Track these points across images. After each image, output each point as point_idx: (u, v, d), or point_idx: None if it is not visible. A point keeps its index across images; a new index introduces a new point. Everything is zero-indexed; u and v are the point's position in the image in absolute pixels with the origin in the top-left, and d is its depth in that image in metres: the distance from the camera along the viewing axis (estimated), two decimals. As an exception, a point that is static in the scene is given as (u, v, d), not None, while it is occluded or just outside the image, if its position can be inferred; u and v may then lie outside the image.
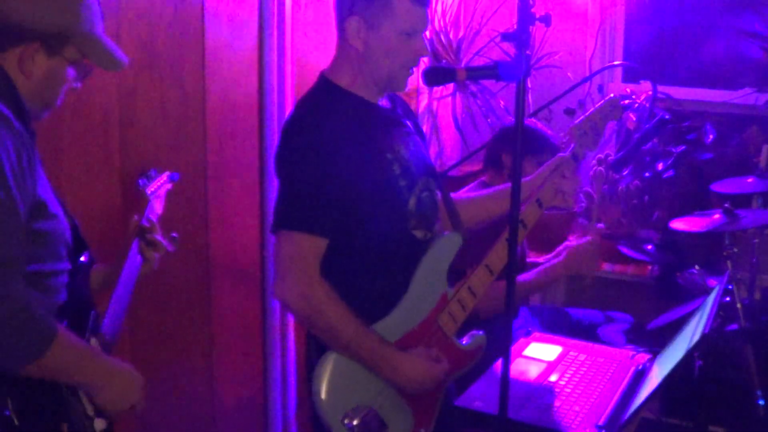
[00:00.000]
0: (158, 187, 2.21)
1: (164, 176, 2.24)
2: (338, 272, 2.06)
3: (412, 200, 2.14)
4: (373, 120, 2.12)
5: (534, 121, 3.24)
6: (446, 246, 2.21)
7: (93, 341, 1.77)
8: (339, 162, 2.01)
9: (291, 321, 3.15)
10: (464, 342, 2.26)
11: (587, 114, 2.45)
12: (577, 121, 2.43)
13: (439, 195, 2.27)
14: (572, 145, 2.39)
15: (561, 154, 2.38)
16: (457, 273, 2.27)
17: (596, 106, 2.48)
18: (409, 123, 2.24)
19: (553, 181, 2.32)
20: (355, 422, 2.04)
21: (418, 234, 2.16)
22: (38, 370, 1.57)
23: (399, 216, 2.13)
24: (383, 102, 2.18)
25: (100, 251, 1.92)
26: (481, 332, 2.30)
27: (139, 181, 2.16)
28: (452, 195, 2.35)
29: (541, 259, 3.35)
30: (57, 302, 1.70)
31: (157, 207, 2.16)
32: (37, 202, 1.62)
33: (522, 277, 2.87)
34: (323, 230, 2.02)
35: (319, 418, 2.06)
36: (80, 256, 1.79)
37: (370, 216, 2.07)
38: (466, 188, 3.08)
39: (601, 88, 4.07)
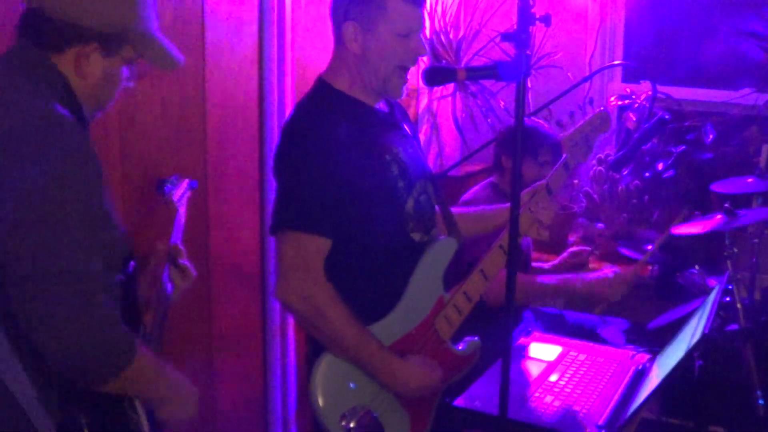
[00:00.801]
0: (182, 195, 2.16)
1: (185, 183, 2.18)
2: (336, 273, 2.06)
3: (410, 202, 2.14)
4: (372, 122, 2.13)
5: (535, 120, 3.24)
6: (442, 250, 2.20)
7: None
8: (338, 163, 2.01)
9: (291, 321, 3.15)
10: (460, 347, 2.26)
11: (577, 126, 2.47)
12: (567, 133, 2.45)
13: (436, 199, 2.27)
14: (564, 156, 2.42)
15: (538, 182, 2.39)
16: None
17: (586, 118, 2.51)
18: (406, 127, 2.24)
19: (529, 209, 2.32)
20: (352, 424, 2.04)
21: (416, 236, 2.16)
22: (118, 383, 1.55)
23: (397, 217, 2.13)
24: (381, 105, 2.18)
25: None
26: (476, 338, 2.30)
27: (165, 188, 2.09)
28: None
29: (546, 265, 3.36)
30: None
31: (182, 217, 2.10)
32: (105, 213, 1.59)
33: (543, 279, 2.90)
34: (327, 231, 2.01)
35: (317, 420, 2.06)
36: (128, 267, 1.74)
37: (369, 217, 2.07)
38: (475, 188, 3.09)
39: (591, 101, 4.07)
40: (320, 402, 2.04)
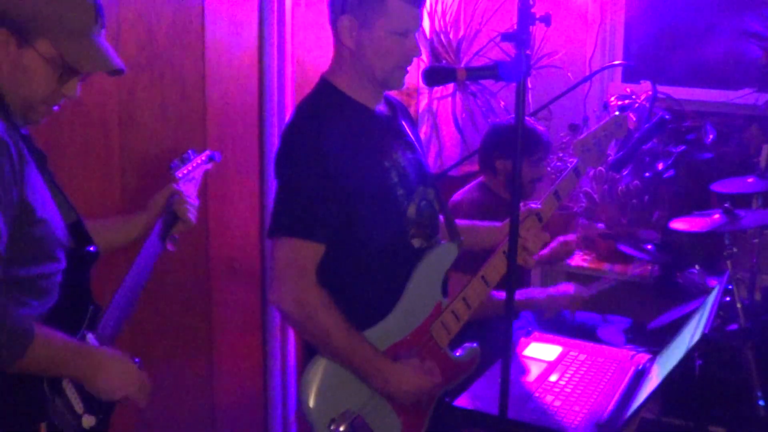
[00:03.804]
0: (192, 169, 2.14)
1: (203, 156, 2.16)
2: (333, 277, 2.05)
3: (411, 208, 2.13)
4: (372, 127, 2.11)
5: (526, 119, 3.24)
6: (441, 255, 2.19)
7: (88, 337, 1.76)
8: (337, 167, 2.00)
9: (291, 321, 3.15)
10: (457, 354, 2.25)
11: (591, 131, 2.45)
12: (581, 137, 2.43)
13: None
14: (575, 161, 2.39)
15: (530, 204, 2.34)
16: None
17: (601, 123, 2.48)
18: (409, 131, 2.23)
19: (518, 235, 2.29)
20: (341, 428, 2.03)
21: (416, 242, 2.15)
22: (20, 369, 1.57)
23: (397, 223, 2.11)
24: (382, 107, 2.17)
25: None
26: (474, 344, 2.28)
27: (172, 163, 2.10)
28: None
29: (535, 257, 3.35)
30: (50, 302, 1.69)
31: (188, 190, 2.09)
32: (24, 208, 1.59)
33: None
34: (320, 236, 2.01)
35: (306, 423, 2.06)
36: (81, 252, 1.76)
37: (367, 222, 2.06)
38: (465, 189, 3.08)
39: (606, 105, 4.05)
40: (310, 404, 2.02)
